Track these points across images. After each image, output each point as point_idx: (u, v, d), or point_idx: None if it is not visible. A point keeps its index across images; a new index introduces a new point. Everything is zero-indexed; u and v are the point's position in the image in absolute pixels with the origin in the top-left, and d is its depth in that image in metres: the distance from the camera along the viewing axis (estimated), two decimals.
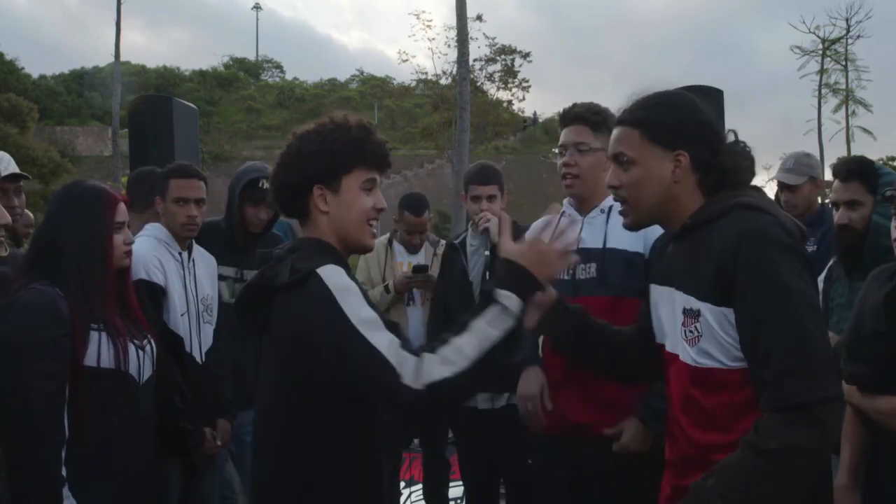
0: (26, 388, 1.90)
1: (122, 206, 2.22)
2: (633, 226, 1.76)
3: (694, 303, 1.59)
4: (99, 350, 2.05)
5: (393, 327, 1.61)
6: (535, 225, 2.30)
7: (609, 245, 2.42)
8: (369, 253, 2.59)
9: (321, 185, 1.72)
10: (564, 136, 2.48)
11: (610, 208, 2.42)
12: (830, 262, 2.75)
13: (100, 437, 2.04)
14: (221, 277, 3.19)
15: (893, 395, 1.93)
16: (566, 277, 2.42)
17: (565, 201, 2.59)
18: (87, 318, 2.05)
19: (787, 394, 1.41)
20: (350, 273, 1.71)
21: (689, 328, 1.60)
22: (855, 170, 2.56)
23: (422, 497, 4.21)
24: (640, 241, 2.37)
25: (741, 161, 1.67)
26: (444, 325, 3.47)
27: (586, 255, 2.40)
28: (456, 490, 4.20)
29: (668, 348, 1.73)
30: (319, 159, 1.71)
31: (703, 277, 1.57)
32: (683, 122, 1.65)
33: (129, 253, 2.24)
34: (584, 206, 2.53)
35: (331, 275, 1.62)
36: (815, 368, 1.43)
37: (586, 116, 2.40)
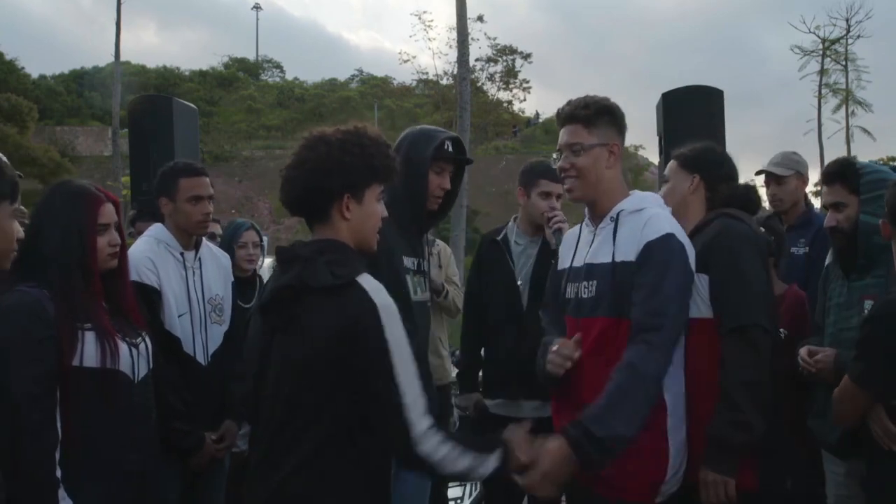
0: (13, 391, 1.88)
1: (107, 207, 2.17)
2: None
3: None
4: (87, 350, 2.03)
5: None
6: None
7: (618, 258, 2.14)
8: None
9: (350, 193, 1.81)
10: (560, 138, 2.27)
11: (618, 214, 2.19)
12: (827, 263, 2.78)
13: (92, 436, 2.03)
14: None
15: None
16: (570, 296, 2.27)
17: (586, 212, 2.32)
18: (74, 318, 2.02)
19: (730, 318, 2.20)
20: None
21: None
22: (835, 172, 2.62)
23: None
24: (633, 251, 2.11)
25: (742, 191, 2.54)
26: (479, 333, 3.38)
27: (591, 271, 2.19)
28: (456, 490, 4.21)
29: None
30: (355, 169, 1.80)
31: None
32: (700, 154, 2.51)
33: (115, 255, 2.19)
34: (596, 212, 2.26)
35: (375, 288, 1.72)
36: (752, 304, 2.20)
37: (576, 114, 2.20)
